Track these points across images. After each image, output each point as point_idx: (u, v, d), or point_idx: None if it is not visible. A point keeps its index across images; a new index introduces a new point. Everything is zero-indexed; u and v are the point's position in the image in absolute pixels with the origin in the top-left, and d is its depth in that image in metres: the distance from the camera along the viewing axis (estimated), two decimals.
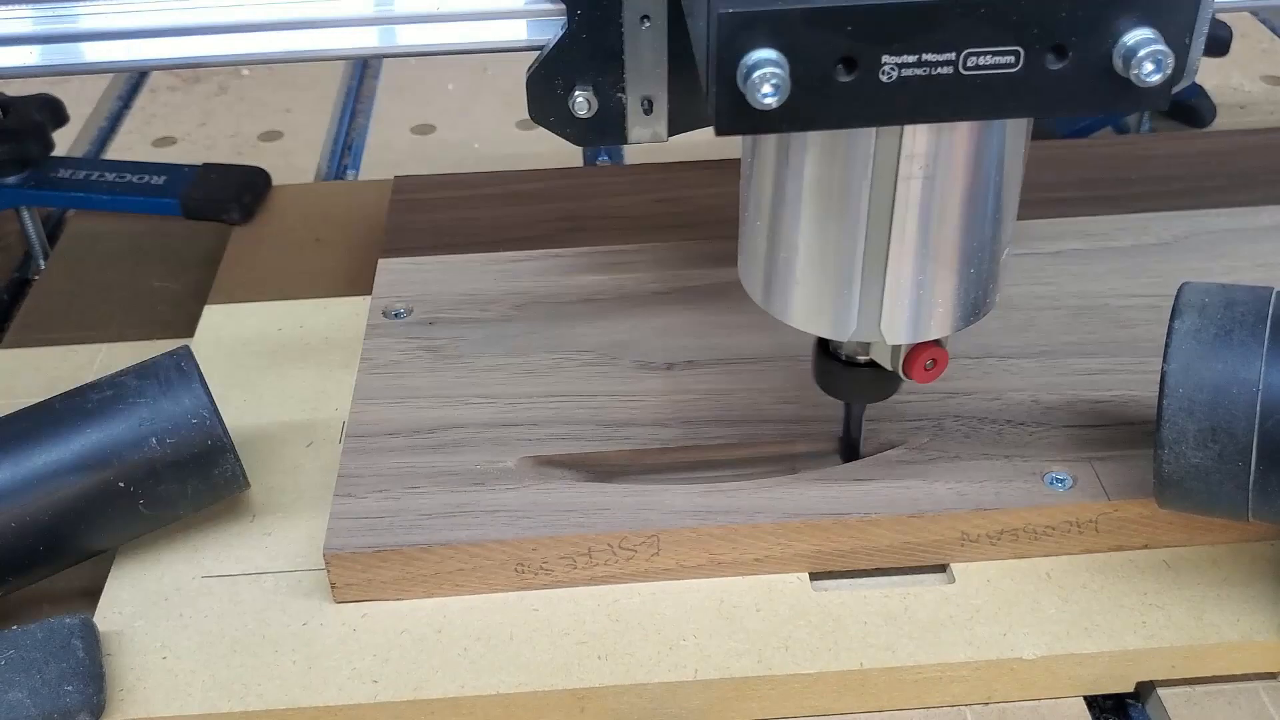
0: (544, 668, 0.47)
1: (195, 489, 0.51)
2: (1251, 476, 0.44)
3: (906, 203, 0.42)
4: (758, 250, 0.46)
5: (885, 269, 0.44)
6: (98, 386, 0.51)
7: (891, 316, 0.45)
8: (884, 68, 0.38)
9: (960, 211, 0.43)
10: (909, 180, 0.42)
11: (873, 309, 0.45)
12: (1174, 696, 0.48)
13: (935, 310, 0.45)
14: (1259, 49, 0.93)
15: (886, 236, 0.43)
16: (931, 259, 0.44)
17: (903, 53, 0.37)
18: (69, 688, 0.45)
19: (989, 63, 0.38)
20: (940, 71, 0.38)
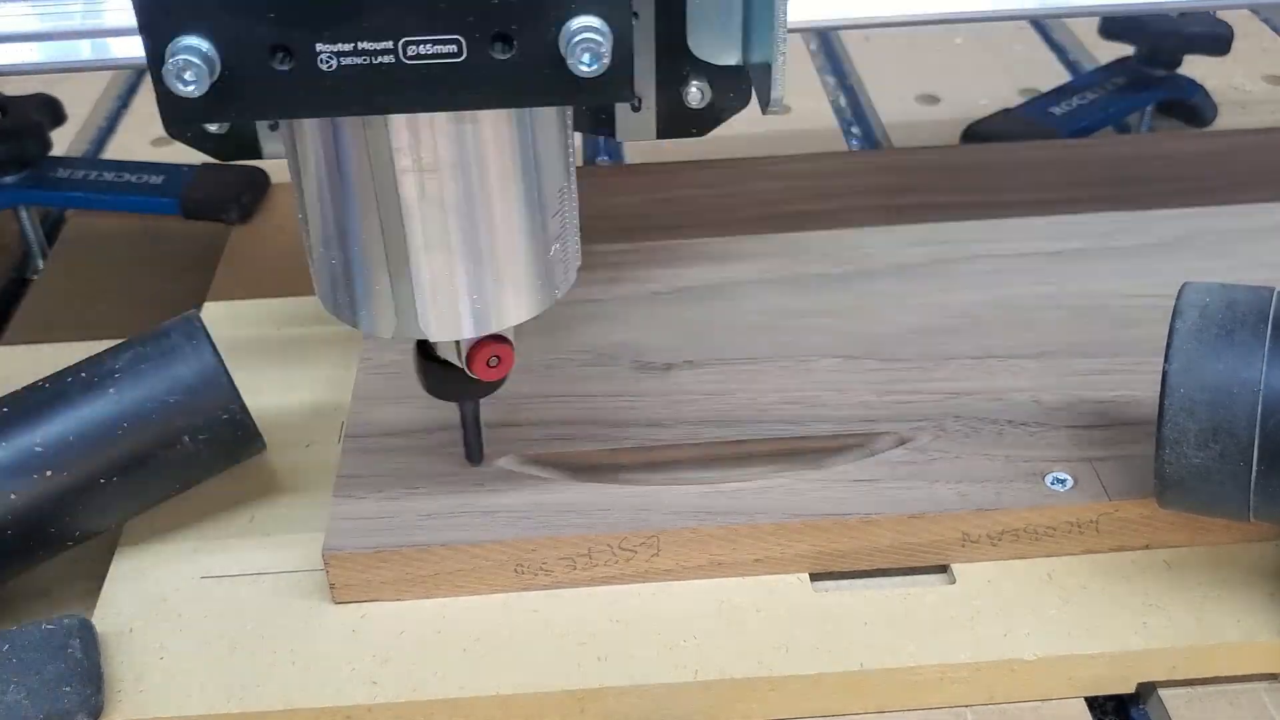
0: (544, 668, 0.47)
1: (207, 441, 0.50)
2: (1253, 476, 0.44)
3: (413, 197, 0.41)
4: (309, 248, 0.45)
5: (408, 265, 0.43)
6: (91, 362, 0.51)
7: (428, 313, 0.44)
8: (320, 56, 0.37)
9: (474, 206, 0.42)
10: (407, 174, 0.41)
11: (408, 306, 0.44)
12: (1175, 697, 0.48)
13: (474, 307, 0.44)
14: (1260, 48, 0.93)
15: (401, 231, 0.42)
16: (456, 255, 0.43)
17: (337, 40, 0.37)
18: (67, 688, 0.45)
19: (431, 51, 0.37)
20: (381, 60, 0.37)
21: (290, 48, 0.37)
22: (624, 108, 0.50)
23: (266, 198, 0.75)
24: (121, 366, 0.50)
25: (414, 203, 0.42)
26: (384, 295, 0.44)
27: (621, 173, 0.77)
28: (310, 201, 0.44)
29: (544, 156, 0.43)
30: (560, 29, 0.37)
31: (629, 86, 0.38)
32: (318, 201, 0.43)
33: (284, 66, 0.37)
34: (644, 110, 0.50)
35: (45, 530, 0.49)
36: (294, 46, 0.37)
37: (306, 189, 0.43)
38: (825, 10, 0.56)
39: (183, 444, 0.50)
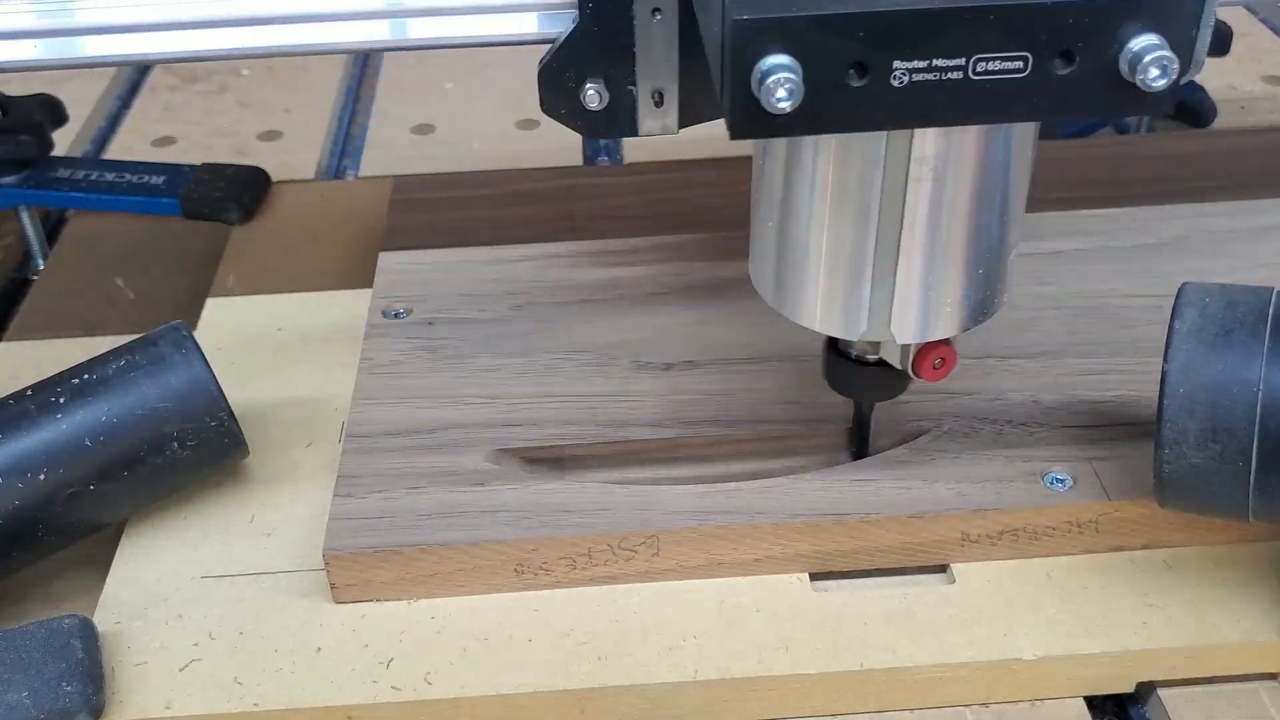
0: (544, 668, 0.47)
1: (195, 447, 0.51)
2: (1252, 476, 0.44)
3: (916, 204, 0.43)
4: (768, 250, 0.47)
5: (895, 269, 0.44)
6: (81, 368, 0.52)
7: (901, 316, 0.45)
8: (895, 73, 0.38)
9: (969, 213, 0.43)
10: (919, 182, 0.42)
11: (883, 309, 0.45)
12: (1174, 697, 0.48)
13: (944, 310, 0.45)
14: (1260, 49, 0.93)
15: (897, 237, 0.44)
16: (941, 259, 0.44)
17: (914, 58, 0.38)
18: (68, 688, 0.45)
19: (998, 68, 0.38)
20: (950, 76, 0.38)
21: (869, 65, 0.38)
22: (647, 105, 0.50)
23: (267, 198, 0.75)
24: (112, 373, 0.51)
25: (915, 210, 0.43)
26: (860, 298, 0.45)
27: (620, 172, 0.77)
28: (790, 207, 0.45)
29: (1021, 165, 0.44)
30: (1123, 46, 0.38)
31: (1173, 100, 0.39)
32: (799, 207, 0.44)
33: (859, 83, 0.38)
34: (665, 106, 0.50)
35: (35, 531, 0.49)
36: (873, 64, 0.38)
37: (788, 195, 0.45)
38: None
39: (171, 449, 0.50)
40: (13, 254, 0.76)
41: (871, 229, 0.44)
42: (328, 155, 0.85)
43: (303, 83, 0.93)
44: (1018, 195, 0.45)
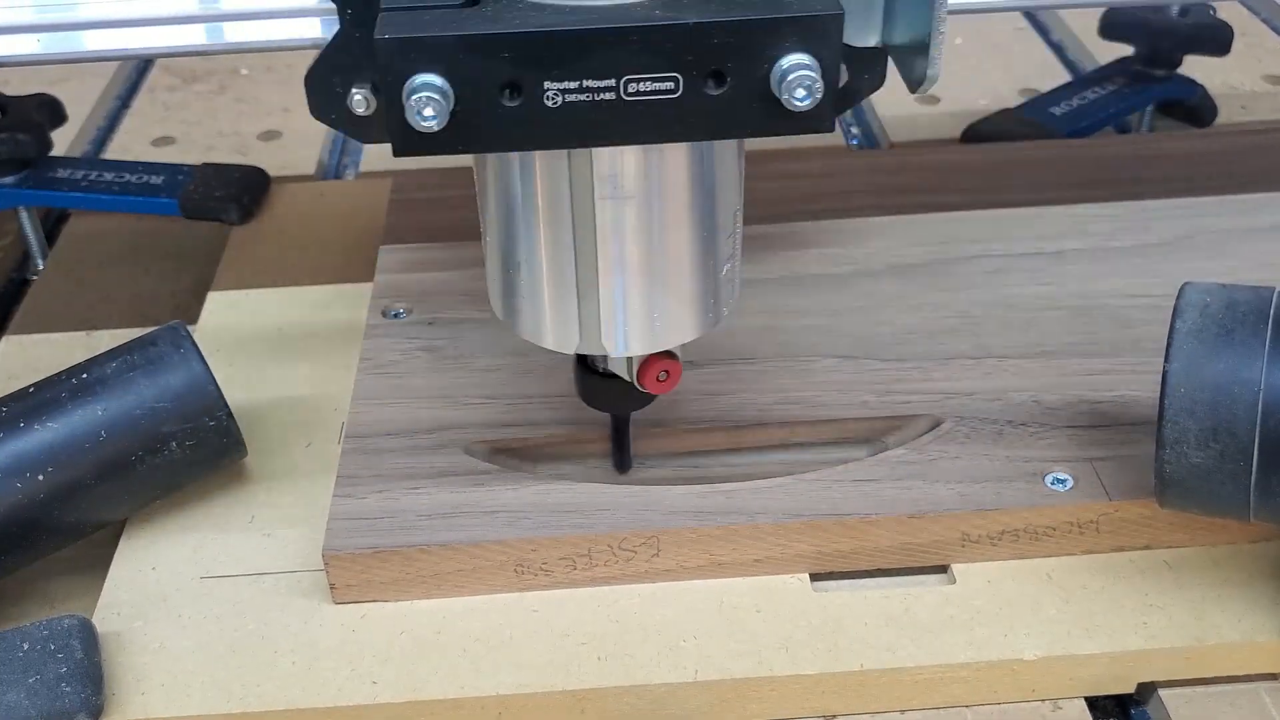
0: (544, 668, 0.47)
1: (193, 447, 0.51)
2: (1253, 476, 0.44)
3: (607, 222, 0.43)
4: (493, 267, 0.47)
5: (598, 286, 0.45)
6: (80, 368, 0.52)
7: (611, 330, 0.46)
8: (547, 93, 0.39)
9: (664, 229, 0.44)
10: (605, 200, 0.43)
11: (592, 323, 0.46)
12: (1175, 697, 0.48)
13: (654, 324, 0.46)
14: (1259, 49, 0.93)
15: (594, 254, 0.44)
16: (641, 275, 0.45)
17: (564, 79, 0.39)
18: (67, 688, 0.45)
19: (650, 89, 0.39)
20: (603, 97, 0.39)
21: (520, 85, 0.39)
22: None
23: (266, 198, 0.75)
24: (110, 373, 0.51)
25: (607, 227, 0.44)
26: (570, 314, 0.46)
27: None
28: (500, 224, 0.45)
29: (723, 181, 0.45)
30: (772, 66, 0.39)
31: (830, 117, 0.40)
32: (508, 225, 0.45)
33: (512, 103, 0.39)
34: None
35: (33, 531, 0.49)
36: (523, 84, 0.39)
37: (497, 212, 0.45)
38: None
39: (169, 449, 0.50)
40: (12, 254, 0.76)
41: (568, 245, 0.44)
42: (327, 155, 0.85)
43: (302, 83, 0.93)
44: (722, 209, 0.45)
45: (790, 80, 0.38)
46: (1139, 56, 0.82)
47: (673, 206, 0.44)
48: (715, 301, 0.47)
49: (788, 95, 0.39)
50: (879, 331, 0.59)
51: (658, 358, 0.48)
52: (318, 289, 0.67)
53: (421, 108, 0.38)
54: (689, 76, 0.39)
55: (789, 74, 0.38)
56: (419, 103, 0.38)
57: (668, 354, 0.48)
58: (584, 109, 0.39)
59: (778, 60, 0.39)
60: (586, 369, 0.50)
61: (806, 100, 0.39)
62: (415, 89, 0.38)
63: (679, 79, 0.39)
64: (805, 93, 0.39)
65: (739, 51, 0.39)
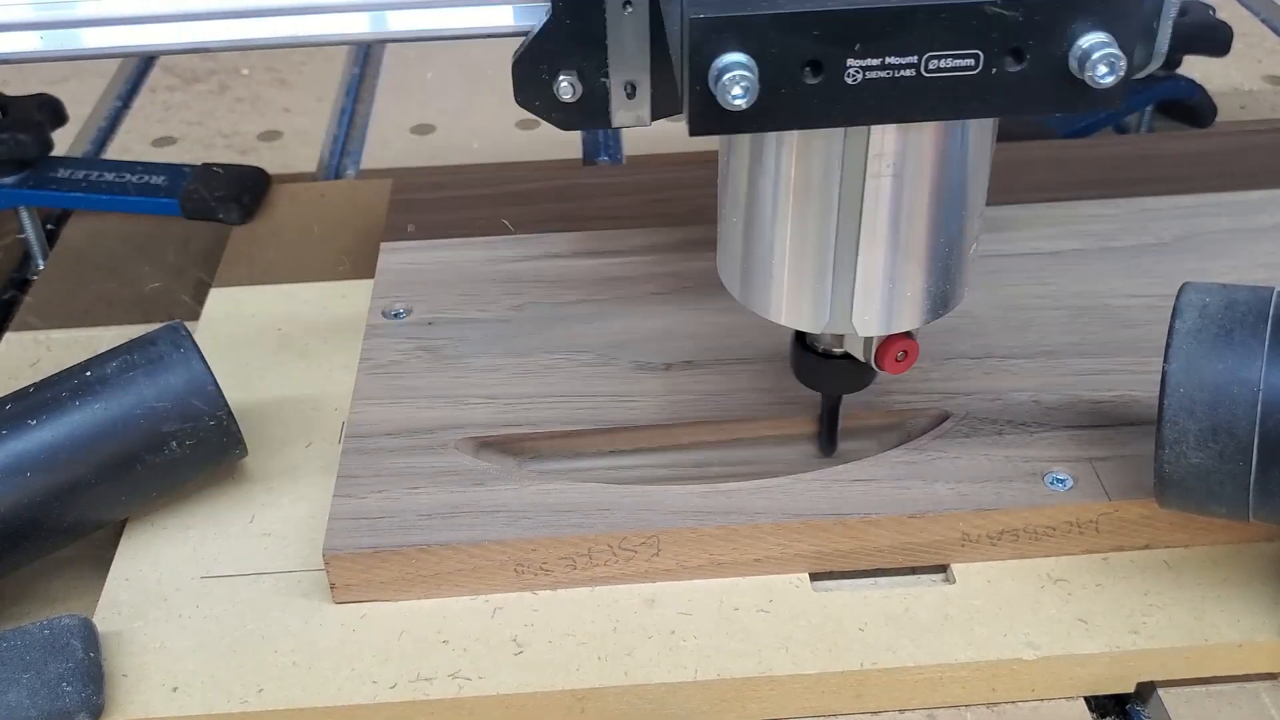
0: (544, 668, 0.47)
1: (193, 446, 0.51)
2: (1252, 476, 0.44)
3: (875, 200, 0.44)
4: (734, 246, 0.47)
5: (856, 264, 0.45)
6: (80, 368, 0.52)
7: (862, 310, 0.46)
8: (849, 70, 0.39)
9: (927, 209, 0.44)
10: (877, 178, 0.43)
11: (844, 303, 0.46)
12: (1174, 697, 0.48)
13: (905, 303, 0.46)
14: (1259, 49, 0.93)
15: (856, 233, 0.44)
16: (900, 254, 0.45)
17: (866, 56, 0.39)
18: (68, 688, 0.45)
19: (949, 65, 0.39)
20: (903, 74, 0.39)
21: (823, 62, 0.39)
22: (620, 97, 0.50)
23: (266, 198, 0.75)
24: (110, 373, 0.51)
25: (874, 206, 0.44)
26: (822, 292, 0.46)
27: (620, 172, 0.77)
28: (753, 202, 0.46)
29: (979, 162, 0.45)
30: (1072, 44, 0.39)
31: (1123, 96, 0.40)
32: (763, 203, 0.45)
33: (814, 80, 0.39)
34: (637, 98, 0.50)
35: (34, 531, 0.49)
36: (827, 61, 0.39)
37: (751, 192, 0.45)
38: None
39: (169, 449, 0.50)
40: (13, 254, 0.76)
41: (832, 225, 0.44)
42: (327, 155, 0.85)
43: (302, 82, 0.93)
44: (976, 191, 0.46)
45: (1094, 58, 0.39)
46: None
47: (936, 186, 0.44)
48: (960, 283, 0.47)
49: (1090, 73, 0.39)
50: None
51: (898, 338, 0.48)
52: (319, 285, 0.67)
53: (732, 86, 0.38)
54: (990, 53, 0.39)
55: (1091, 52, 0.39)
56: (730, 82, 0.38)
57: (907, 334, 0.48)
58: (883, 86, 0.39)
59: (1077, 38, 0.39)
60: (804, 348, 0.50)
61: (1109, 77, 0.39)
62: (725, 68, 0.38)
63: (979, 56, 0.39)
64: (1108, 69, 0.39)
65: (1041, 29, 0.39)
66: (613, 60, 0.47)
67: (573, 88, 0.47)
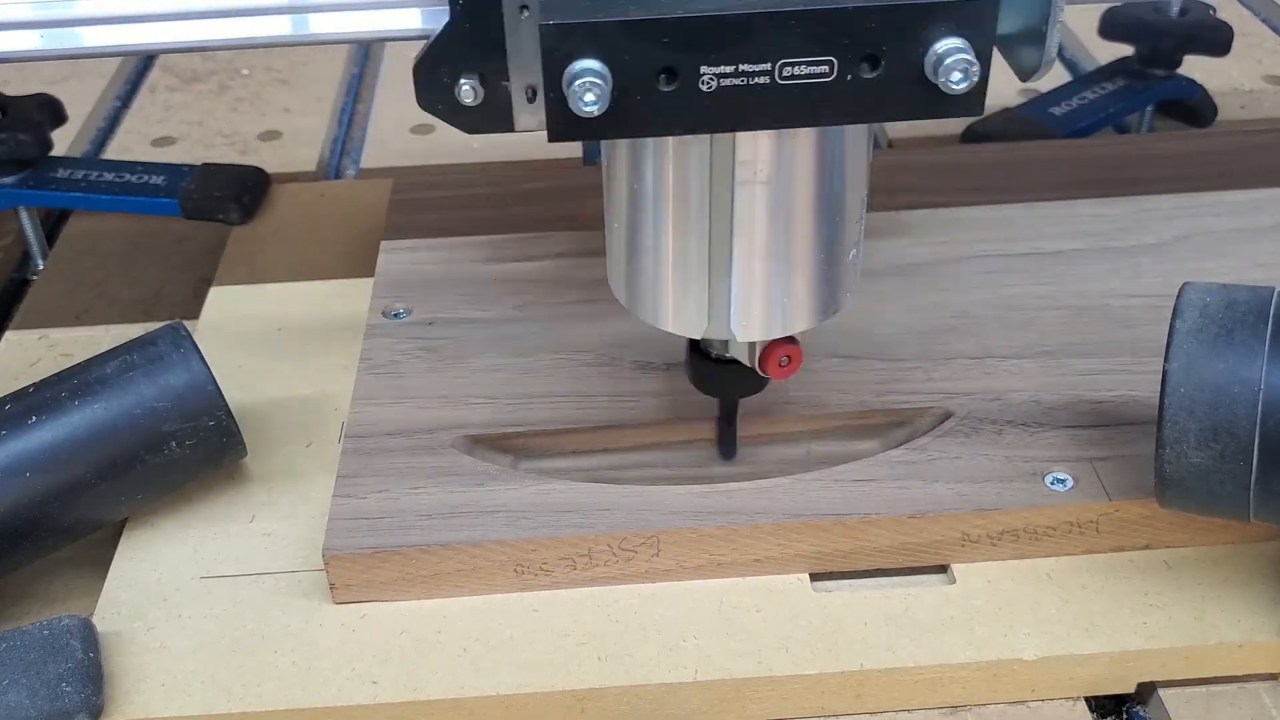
0: (544, 668, 0.47)
1: (193, 446, 0.51)
2: (1253, 476, 0.44)
3: (746, 206, 0.44)
4: (618, 253, 0.48)
5: (730, 270, 0.45)
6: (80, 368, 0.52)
7: (741, 315, 0.46)
8: (703, 77, 0.39)
9: (798, 215, 0.44)
10: (745, 185, 0.43)
11: (722, 309, 0.46)
12: (1175, 697, 0.48)
13: (783, 309, 0.46)
14: (1259, 49, 0.93)
15: (730, 239, 0.44)
16: (775, 260, 0.45)
17: (720, 63, 0.39)
18: (67, 688, 0.45)
19: (804, 72, 0.39)
20: (758, 81, 0.39)
21: (677, 69, 0.39)
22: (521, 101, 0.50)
23: (266, 198, 0.75)
24: (110, 373, 0.51)
25: (744, 212, 0.44)
26: (700, 298, 0.46)
27: None
28: (632, 210, 0.46)
29: (854, 166, 0.45)
30: (927, 50, 0.39)
31: (981, 102, 0.40)
32: (641, 210, 0.45)
33: (668, 87, 0.39)
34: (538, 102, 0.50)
35: (33, 531, 0.49)
36: (680, 69, 0.39)
37: (629, 198, 0.46)
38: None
39: (169, 449, 0.50)
40: (12, 254, 0.76)
41: (705, 231, 0.45)
42: (327, 155, 0.85)
43: (302, 82, 0.93)
44: (852, 197, 0.46)
45: (947, 64, 0.39)
46: (1139, 56, 0.82)
47: (807, 192, 0.44)
48: (840, 287, 0.47)
49: (944, 79, 0.39)
50: (879, 331, 0.59)
51: (781, 343, 0.48)
52: (319, 285, 0.67)
53: (583, 93, 0.38)
54: (844, 60, 0.39)
55: (945, 58, 0.39)
56: (581, 88, 0.38)
57: (790, 339, 0.48)
58: (739, 93, 0.39)
59: (932, 44, 0.39)
60: (700, 354, 0.50)
61: (963, 83, 0.39)
62: (576, 74, 0.38)
63: (834, 62, 0.39)
64: (962, 76, 0.39)
65: (894, 35, 0.39)
66: (512, 64, 0.47)
67: (474, 91, 0.47)
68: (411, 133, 0.86)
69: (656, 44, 0.39)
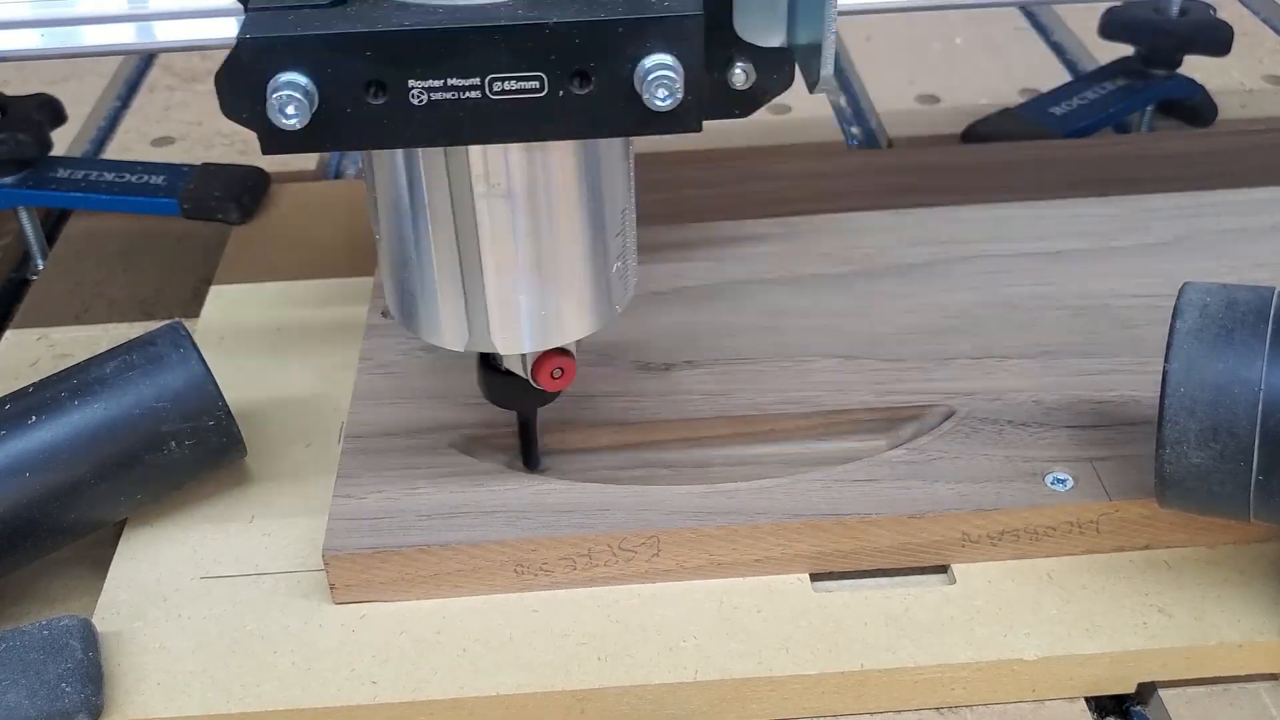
0: (544, 668, 0.47)
1: (193, 446, 0.51)
2: (1253, 476, 0.44)
3: (489, 220, 0.44)
4: (385, 267, 0.47)
5: (483, 282, 0.45)
6: (79, 368, 0.52)
7: (500, 327, 0.46)
8: (412, 91, 0.39)
9: (546, 228, 0.44)
10: (486, 199, 0.43)
11: (481, 322, 0.46)
12: (1175, 697, 0.48)
13: (542, 321, 0.46)
14: (1259, 49, 0.93)
15: (477, 251, 0.44)
16: (526, 273, 0.45)
17: (429, 77, 0.39)
18: (67, 688, 0.45)
19: (515, 87, 0.40)
20: (468, 95, 0.39)
21: (385, 83, 0.39)
22: None
23: (266, 198, 0.75)
24: (109, 373, 0.51)
25: (489, 225, 0.44)
26: (458, 312, 0.46)
27: None
28: (388, 223, 0.46)
29: (607, 180, 0.45)
30: (635, 66, 0.39)
31: (697, 118, 0.40)
32: (396, 223, 0.45)
33: (378, 101, 0.39)
34: None
35: (33, 531, 0.49)
36: (389, 82, 0.39)
37: (385, 212, 0.46)
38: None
39: (169, 449, 0.50)
40: (12, 254, 0.76)
41: (453, 244, 0.45)
42: (328, 155, 0.85)
43: None
44: (608, 209, 0.46)
45: (651, 80, 0.39)
46: (1139, 56, 0.82)
47: (552, 205, 0.44)
48: (605, 300, 0.47)
49: (649, 95, 0.39)
50: (879, 331, 0.59)
51: (552, 355, 0.48)
52: (319, 285, 0.66)
53: (283, 106, 0.38)
54: (553, 76, 0.39)
55: (650, 74, 0.39)
56: (280, 101, 0.38)
57: (562, 351, 0.48)
58: (450, 107, 0.39)
59: (640, 60, 0.39)
60: (489, 367, 0.50)
61: (668, 100, 0.39)
62: (277, 88, 0.39)
63: (544, 78, 0.39)
64: (666, 93, 0.39)
65: (602, 51, 0.39)
66: None
67: None
68: None
69: (360, 59, 0.39)
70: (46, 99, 0.74)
